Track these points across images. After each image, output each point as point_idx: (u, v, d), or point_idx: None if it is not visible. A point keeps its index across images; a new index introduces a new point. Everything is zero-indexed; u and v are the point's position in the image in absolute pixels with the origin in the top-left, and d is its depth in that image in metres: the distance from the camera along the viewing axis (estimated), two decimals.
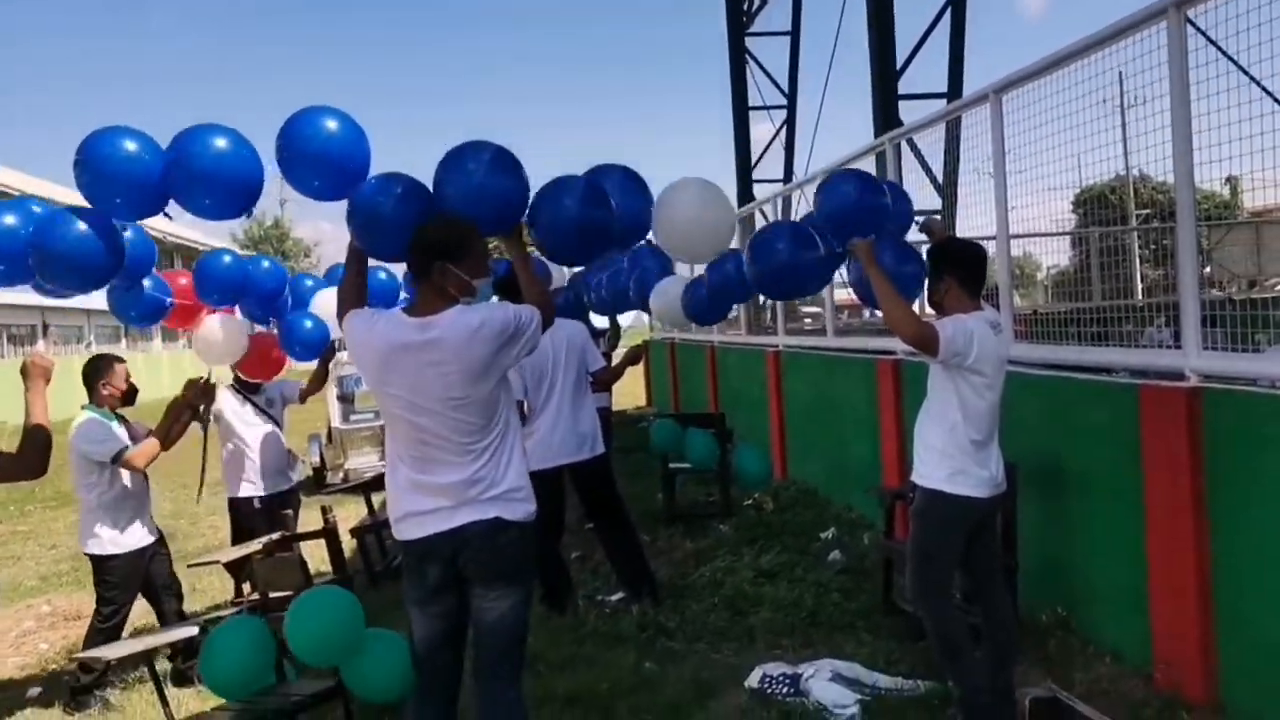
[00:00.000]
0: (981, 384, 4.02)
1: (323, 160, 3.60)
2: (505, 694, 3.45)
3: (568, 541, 6.66)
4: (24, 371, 4.33)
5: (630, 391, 18.62)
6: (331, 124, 3.58)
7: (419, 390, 3.30)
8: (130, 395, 5.33)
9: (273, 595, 4.74)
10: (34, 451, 4.14)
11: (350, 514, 8.40)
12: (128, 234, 4.20)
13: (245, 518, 6.38)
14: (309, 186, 3.67)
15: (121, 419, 5.34)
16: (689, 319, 5.45)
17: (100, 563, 5.28)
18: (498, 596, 3.40)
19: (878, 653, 4.90)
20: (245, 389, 6.38)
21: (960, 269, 4.13)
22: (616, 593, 6.13)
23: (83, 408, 5.26)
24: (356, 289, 3.68)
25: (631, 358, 6.79)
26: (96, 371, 5.30)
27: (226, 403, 6.33)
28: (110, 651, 4.78)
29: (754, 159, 17.19)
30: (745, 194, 16.59)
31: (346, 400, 13.38)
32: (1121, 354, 5.12)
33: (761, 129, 17.85)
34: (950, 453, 4.07)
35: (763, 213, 11.70)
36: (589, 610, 5.89)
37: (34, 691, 5.64)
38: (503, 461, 3.41)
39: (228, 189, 3.71)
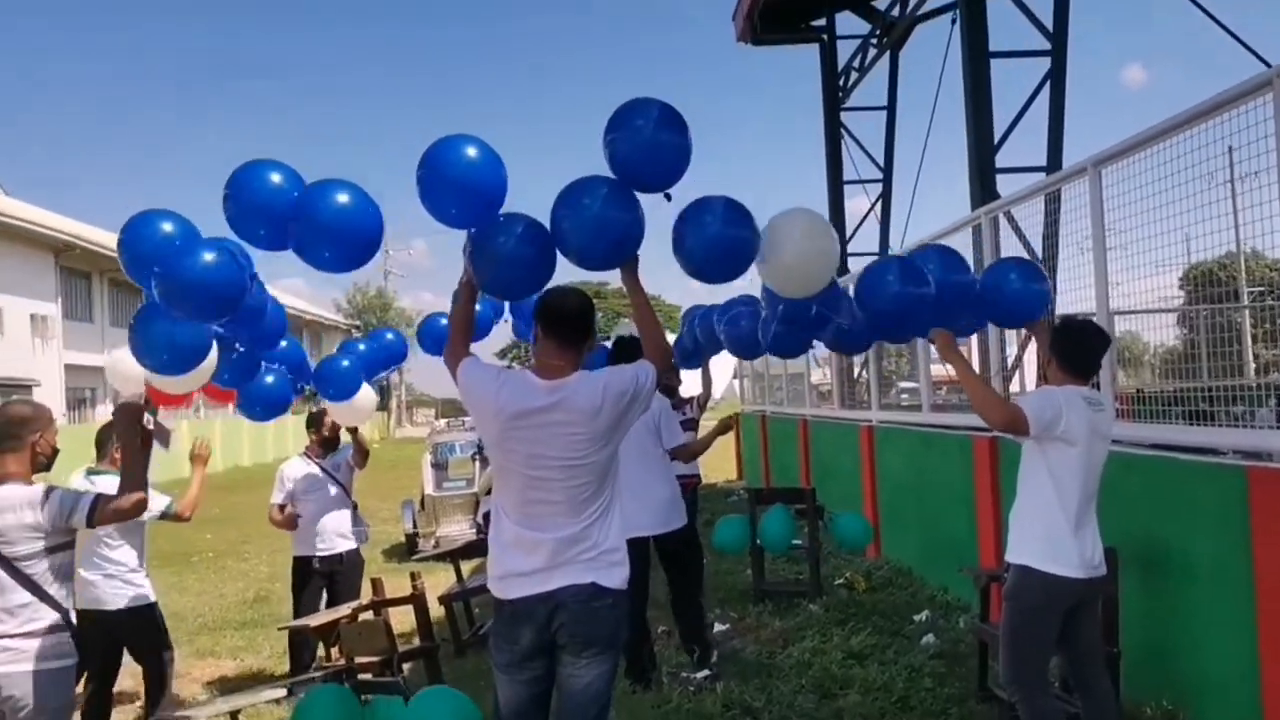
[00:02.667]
0: (1074, 456, 3.94)
1: (462, 187, 3.59)
2: None
3: (653, 615, 6.57)
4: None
5: (721, 464, 18.51)
6: (471, 151, 3.59)
7: (541, 450, 3.36)
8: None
9: (359, 660, 4.76)
10: None
11: (439, 581, 8.44)
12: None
13: (304, 576, 6.70)
14: (445, 214, 3.67)
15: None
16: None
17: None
18: (587, 664, 3.38)
19: None
20: (316, 453, 6.80)
21: (1059, 347, 4.15)
22: (702, 670, 6.02)
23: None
24: (467, 322, 3.70)
25: (722, 429, 6.72)
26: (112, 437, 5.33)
27: (295, 466, 6.75)
28: (199, 711, 4.85)
29: (849, 233, 17.12)
30: (840, 267, 16.46)
31: (440, 468, 13.53)
32: (1230, 434, 4.91)
33: (856, 203, 17.81)
34: (1043, 530, 3.99)
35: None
36: (673, 687, 5.78)
37: None
38: (607, 523, 3.45)
39: (350, 242, 3.72)
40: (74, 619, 3.73)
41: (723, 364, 16.90)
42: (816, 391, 13.89)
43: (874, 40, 15.96)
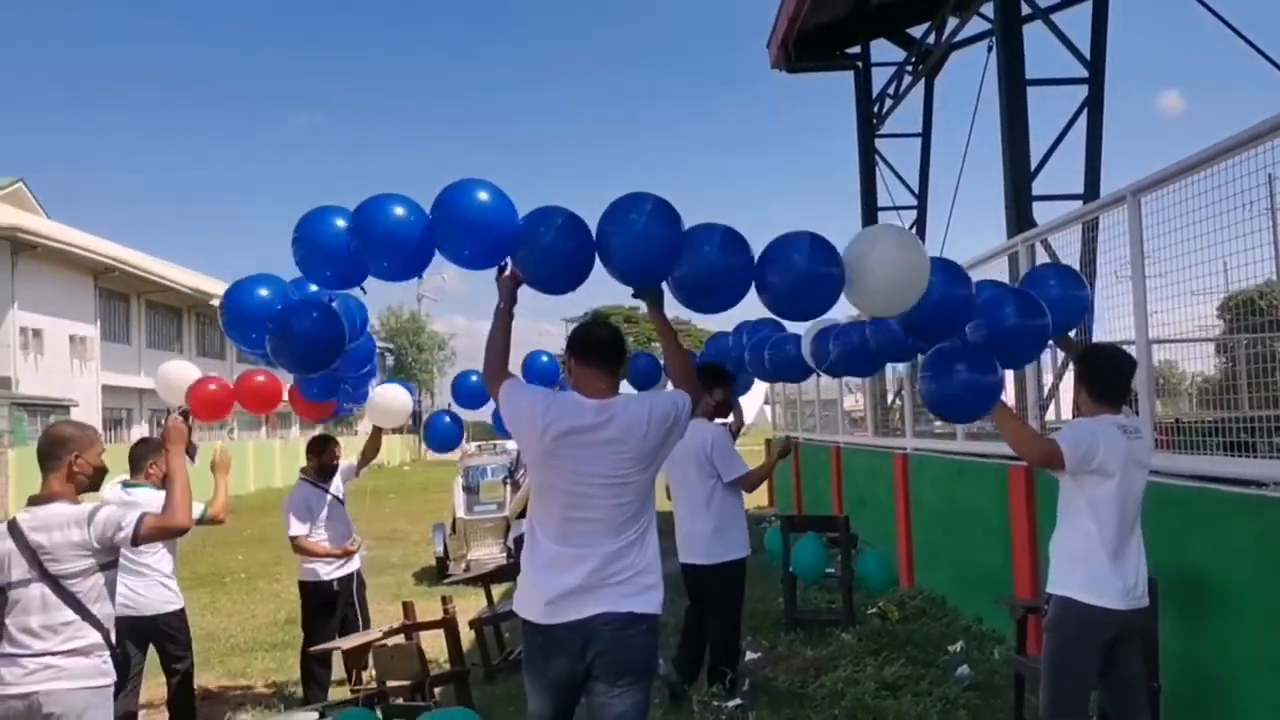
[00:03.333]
0: (1112, 487, 3.93)
1: (476, 229, 3.75)
2: None
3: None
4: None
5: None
6: (483, 195, 3.74)
7: (589, 467, 3.44)
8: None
9: (390, 684, 4.76)
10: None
11: (470, 605, 8.43)
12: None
13: (308, 598, 6.84)
14: (459, 255, 3.83)
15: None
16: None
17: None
18: (621, 693, 3.41)
19: None
20: (317, 480, 6.89)
21: (1090, 380, 4.15)
22: (734, 698, 5.98)
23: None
24: (505, 346, 3.80)
25: (782, 452, 6.76)
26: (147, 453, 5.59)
27: (301, 492, 6.87)
28: None
29: None
30: None
31: (472, 491, 13.54)
32: (1272, 466, 4.82)
33: None
34: (1083, 560, 3.98)
35: None
36: (704, 716, 5.75)
37: None
38: (645, 546, 3.51)
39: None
40: (113, 639, 3.78)
41: (753, 390, 16.87)
42: (849, 418, 13.81)
43: (909, 67, 15.96)
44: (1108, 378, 4.14)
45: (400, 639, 6.06)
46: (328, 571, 6.73)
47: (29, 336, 27.80)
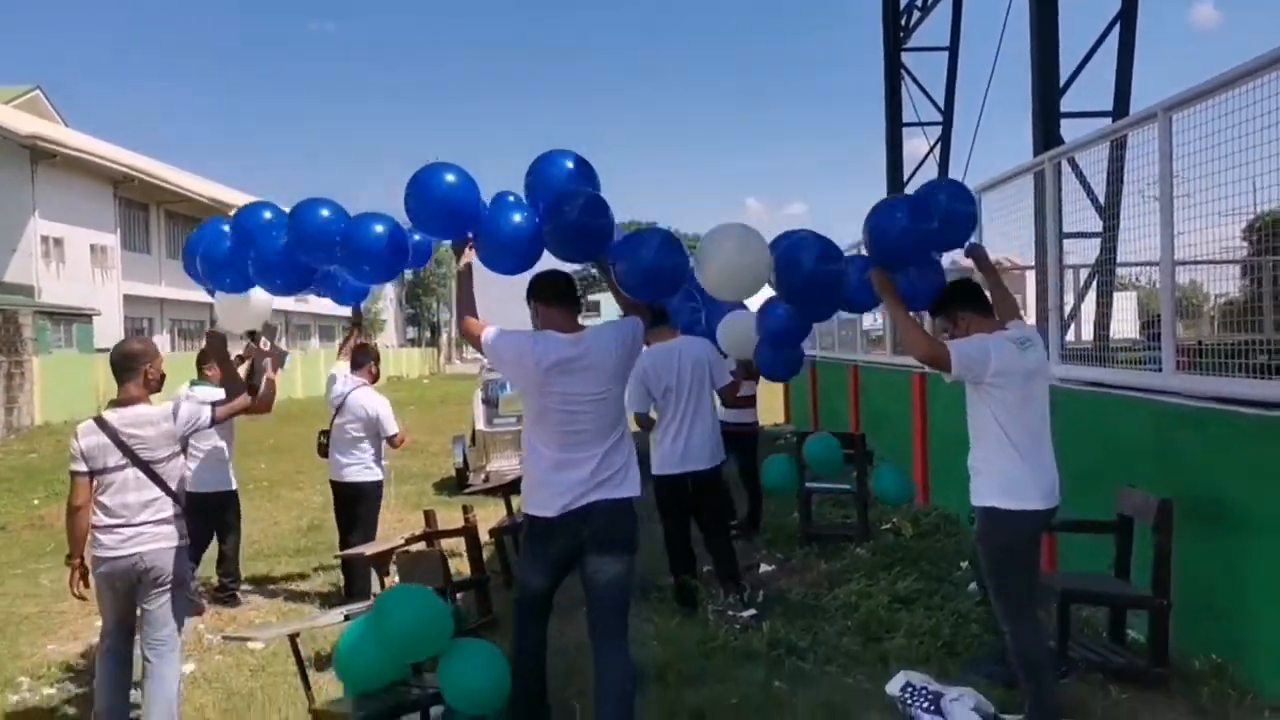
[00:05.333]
0: (1014, 396, 4.26)
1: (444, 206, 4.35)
2: (622, 651, 4.20)
3: (699, 554, 6.66)
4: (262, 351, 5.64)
5: (769, 407, 18.48)
6: (450, 176, 4.31)
7: (577, 389, 4.19)
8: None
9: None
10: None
11: (489, 515, 8.56)
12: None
13: (368, 498, 7.25)
14: (432, 228, 4.56)
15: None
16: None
17: None
18: (614, 559, 4.19)
19: (1014, 688, 4.71)
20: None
21: (969, 302, 4.52)
22: (748, 609, 6.10)
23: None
24: (472, 300, 4.44)
25: (744, 368, 6.84)
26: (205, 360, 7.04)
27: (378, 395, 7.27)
28: (259, 633, 5.00)
29: (906, 176, 16.89)
30: None
31: (491, 404, 13.63)
32: None
33: (915, 145, 17.55)
34: (999, 470, 4.29)
35: None
36: (719, 625, 5.87)
37: (189, 668, 5.93)
38: (624, 445, 4.31)
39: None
40: (182, 509, 4.76)
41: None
42: (867, 337, 13.78)
43: None
44: (977, 298, 4.53)
45: (422, 546, 6.20)
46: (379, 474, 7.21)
47: (50, 245, 27.88)
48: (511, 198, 4.49)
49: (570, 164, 4.50)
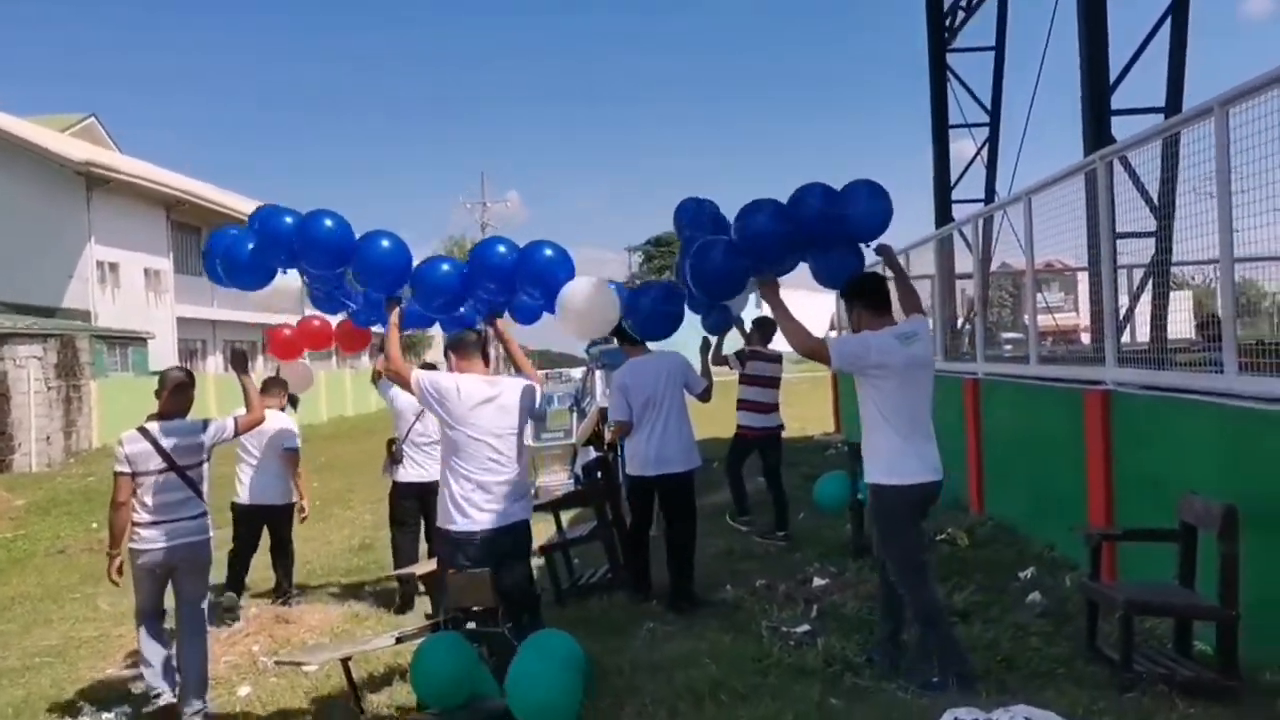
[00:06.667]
0: (892, 386, 4.81)
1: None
2: (534, 625, 5.09)
3: (750, 568, 6.59)
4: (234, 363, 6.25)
5: (818, 416, 18.35)
6: (385, 243, 5.49)
7: (493, 423, 5.10)
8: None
9: (466, 609, 4.88)
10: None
11: (537, 531, 8.51)
12: None
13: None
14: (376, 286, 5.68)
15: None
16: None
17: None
18: (520, 563, 5.19)
19: (1078, 703, 4.54)
20: None
21: (864, 298, 5.07)
22: (802, 624, 6.00)
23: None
24: (399, 344, 5.30)
25: (704, 347, 7.57)
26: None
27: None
28: (312, 656, 5.01)
29: (954, 178, 16.65)
30: (944, 214, 16.07)
31: (538, 419, 13.65)
32: None
33: (962, 146, 17.32)
34: (883, 450, 4.87)
35: (962, 234, 11.25)
36: (773, 641, 5.78)
37: (244, 691, 5.96)
38: (524, 470, 5.32)
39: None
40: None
41: (816, 307, 16.67)
42: None
43: None
44: (875, 293, 5.06)
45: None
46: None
47: (105, 270, 28.40)
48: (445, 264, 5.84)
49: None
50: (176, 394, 5.67)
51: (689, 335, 6.70)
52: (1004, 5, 15.42)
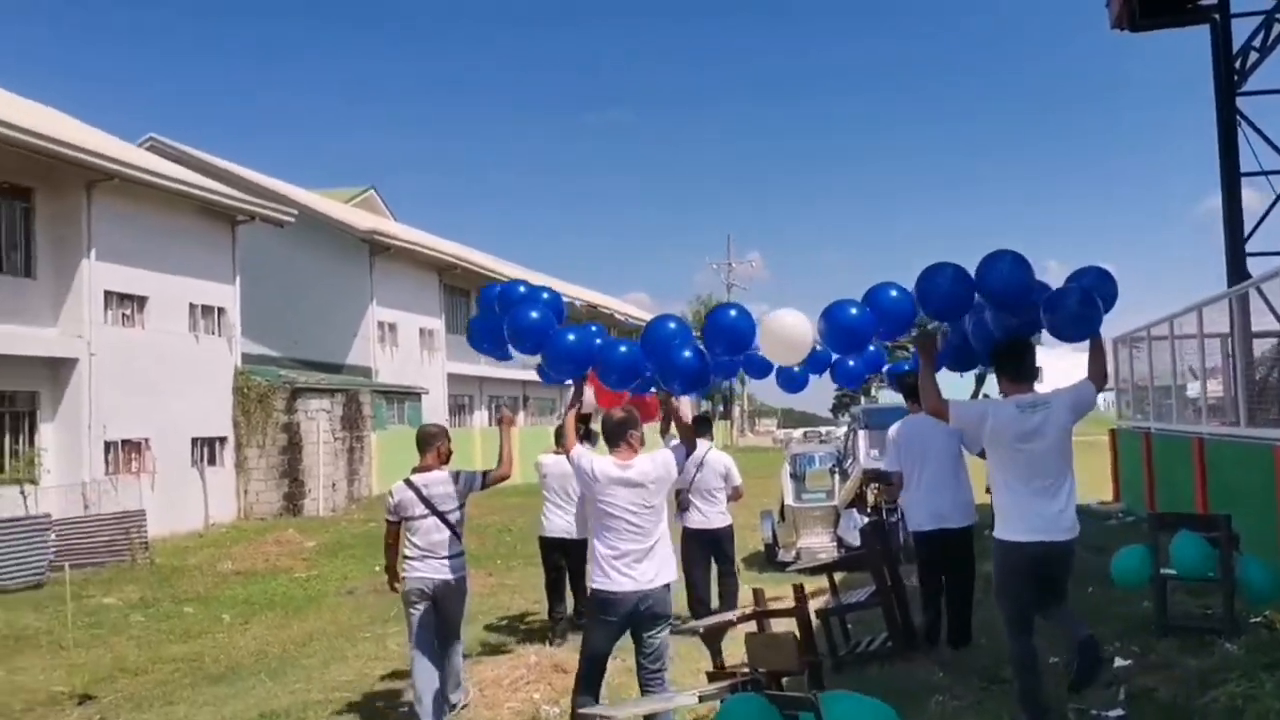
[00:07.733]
0: (1006, 452, 5.20)
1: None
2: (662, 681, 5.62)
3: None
4: (499, 421, 7.35)
5: (1094, 482, 17.18)
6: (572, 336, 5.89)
7: (630, 500, 5.50)
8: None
9: (765, 672, 4.83)
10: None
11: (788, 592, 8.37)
12: None
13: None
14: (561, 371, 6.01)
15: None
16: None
17: None
18: (661, 629, 5.61)
19: None
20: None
21: (1002, 367, 5.36)
22: (1114, 709, 5.57)
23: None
24: (574, 426, 5.93)
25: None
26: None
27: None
28: (617, 712, 5.10)
29: (1248, 230, 15.40)
30: (1237, 270, 14.87)
31: (798, 479, 13.51)
32: None
33: (1256, 196, 15.95)
34: (1001, 508, 5.22)
35: (1259, 291, 10.32)
36: None
37: None
38: (666, 538, 5.67)
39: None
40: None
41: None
42: (1208, 406, 12.55)
43: (1278, 15, 14.31)
44: (1007, 361, 5.32)
45: (750, 625, 6.13)
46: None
47: (385, 329, 30.52)
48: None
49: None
50: (430, 449, 6.66)
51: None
52: None
